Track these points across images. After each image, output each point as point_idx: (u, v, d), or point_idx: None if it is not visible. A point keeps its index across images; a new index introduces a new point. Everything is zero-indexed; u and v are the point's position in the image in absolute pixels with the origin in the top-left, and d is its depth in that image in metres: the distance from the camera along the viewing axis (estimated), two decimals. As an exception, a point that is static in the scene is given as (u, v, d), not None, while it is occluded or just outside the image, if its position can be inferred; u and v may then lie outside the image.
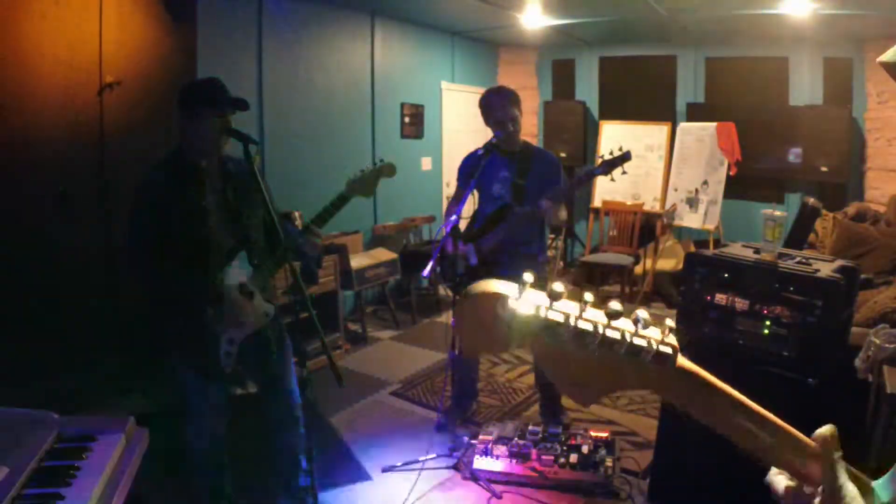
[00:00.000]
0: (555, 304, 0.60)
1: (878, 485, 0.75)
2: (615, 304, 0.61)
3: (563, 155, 6.79)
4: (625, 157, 2.95)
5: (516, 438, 3.14)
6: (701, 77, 6.64)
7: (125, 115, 3.65)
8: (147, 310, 2.58)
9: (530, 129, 7.51)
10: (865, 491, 0.74)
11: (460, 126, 6.95)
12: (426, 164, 6.59)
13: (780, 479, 0.77)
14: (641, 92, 6.98)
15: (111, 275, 3.51)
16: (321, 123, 5.26)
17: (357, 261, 5.00)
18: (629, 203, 6.41)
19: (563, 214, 3.13)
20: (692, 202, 5.97)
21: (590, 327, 0.60)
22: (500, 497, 2.89)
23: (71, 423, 1.60)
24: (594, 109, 7.26)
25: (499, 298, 0.60)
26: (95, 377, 3.36)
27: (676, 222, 6.08)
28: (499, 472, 2.99)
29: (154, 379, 3.27)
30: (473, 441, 3.21)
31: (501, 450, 3.06)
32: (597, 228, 6.66)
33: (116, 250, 3.31)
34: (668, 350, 0.62)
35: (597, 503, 2.84)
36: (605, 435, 3.17)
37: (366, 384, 4.20)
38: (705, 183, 5.88)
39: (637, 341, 0.61)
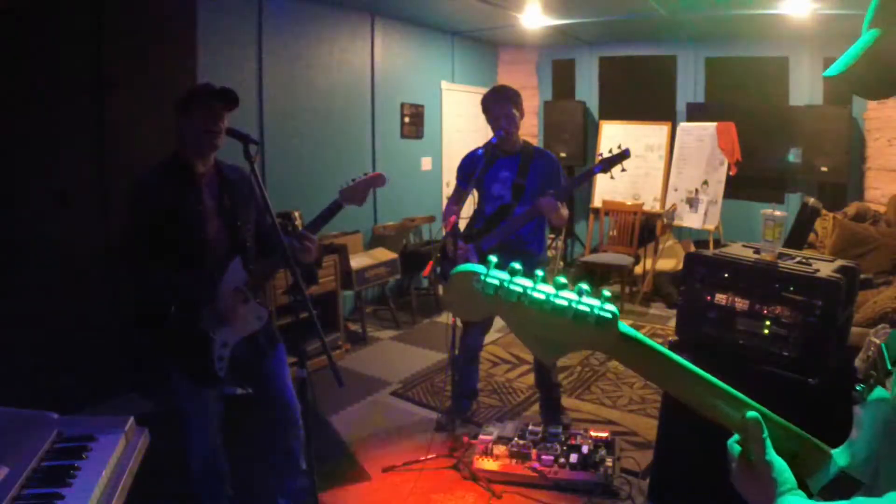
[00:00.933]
0: (514, 279, 0.74)
1: (836, 452, 0.84)
2: (561, 278, 0.75)
3: (563, 155, 6.78)
4: (623, 154, 2.98)
5: (516, 438, 3.14)
6: (701, 77, 6.64)
7: (125, 115, 3.65)
8: (142, 312, 2.57)
9: (530, 129, 7.51)
10: (824, 458, 0.83)
11: (460, 126, 6.95)
12: (426, 164, 6.59)
13: (736, 446, 0.85)
14: (641, 92, 6.98)
15: (111, 275, 3.51)
16: (321, 123, 5.25)
17: (357, 261, 5.00)
18: (629, 203, 6.40)
19: (565, 213, 3.14)
20: (692, 202, 5.97)
21: (542, 296, 0.73)
22: (500, 497, 2.89)
23: (71, 424, 1.60)
24: (594, 109, 7.25)
25: (472, 276, 0.75)
26: (95, 377, 3.36)
27: (676, 222, 6.08)
28: (499, 472, 3.00)
29: (154, 379, 3.27)
30: (473, 441, 3.21)
31: (501, 450, 3.06)
32: (597, 228, 6.65)
33: (116, 250, 3.31)
34: (608, 315, 0.73)
35: (597, 503, 2.84)
36: (605, 435, 3.17)
37: (366, 384, 4.20)
38: (705, 183, 5.88)
39: (581, 308, 0.73)
